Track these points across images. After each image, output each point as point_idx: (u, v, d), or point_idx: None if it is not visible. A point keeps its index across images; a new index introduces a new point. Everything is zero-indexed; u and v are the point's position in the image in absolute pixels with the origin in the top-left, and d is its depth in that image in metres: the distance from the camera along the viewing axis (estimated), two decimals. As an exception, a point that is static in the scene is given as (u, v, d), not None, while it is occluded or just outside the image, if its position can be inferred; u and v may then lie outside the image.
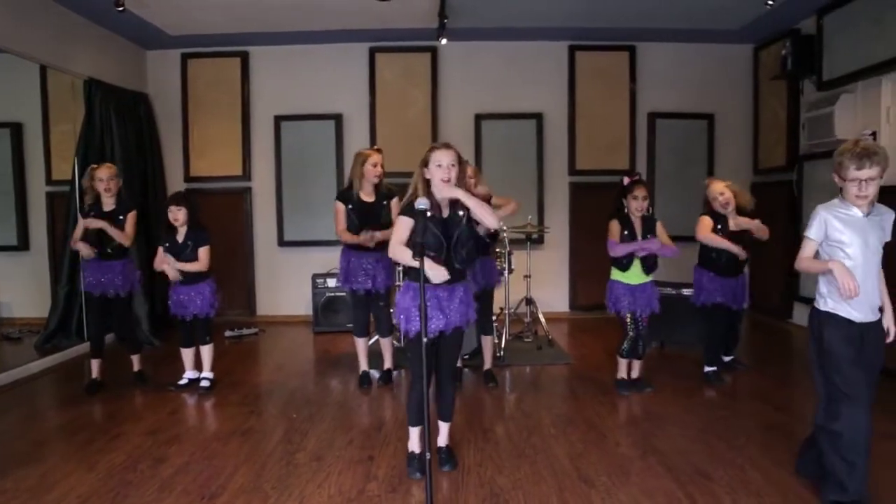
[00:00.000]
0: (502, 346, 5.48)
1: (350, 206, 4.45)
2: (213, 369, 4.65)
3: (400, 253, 2.97)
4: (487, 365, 4.74)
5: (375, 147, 4.66)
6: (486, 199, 4.56)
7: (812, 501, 2.83)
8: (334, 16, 6.10)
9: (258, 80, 7.09)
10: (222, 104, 7.07)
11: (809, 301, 5.99)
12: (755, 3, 5.50)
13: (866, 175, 2.64)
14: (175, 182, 6.95)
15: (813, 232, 2.79)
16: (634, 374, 4.49)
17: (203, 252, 4.43)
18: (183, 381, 4.63)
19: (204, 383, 4.58)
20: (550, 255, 7.11)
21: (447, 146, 3.04)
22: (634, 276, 4.30)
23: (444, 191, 2.96)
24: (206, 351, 4.60)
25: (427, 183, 3.01)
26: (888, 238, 2.79)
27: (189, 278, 4.43)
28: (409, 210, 2.97)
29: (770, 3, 5.25)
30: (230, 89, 7.07)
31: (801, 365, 5.39)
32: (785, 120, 6.55)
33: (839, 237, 2.73)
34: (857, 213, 2.73)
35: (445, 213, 3.06)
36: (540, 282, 6.60)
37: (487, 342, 4.72)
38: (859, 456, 2.66)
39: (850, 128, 5.55)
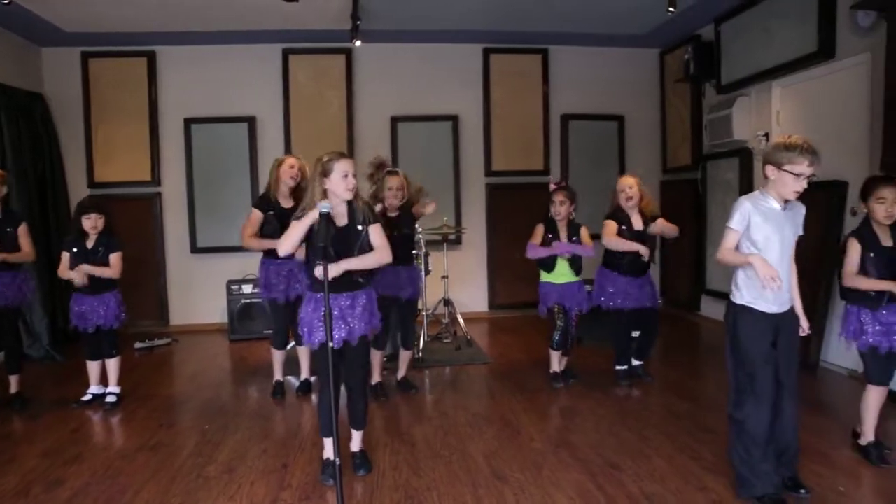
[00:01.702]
0: (420, 347, 5.45)
1: (271, 212, 4.39)
2: (120, 383, 4.44)
3: (289, 238, 2.94)
4: (402, 373, 4.63)
5: (295, 155, 4.60)
6: (410, 214, 4.48)
7: (709, 483, 2.98)
8: (243, 15, 5.94)
9: (166, 82, 6.83)
10: (128, 106, 6.76)
11: (717, 294, 6.40)
12: (659, 10, 5.72)
13: (811, 171, 2.64)
14: (78, 188, 6.58)
15: (735, 222, 2.76)
16: (561, 366, 4.67)
17: (115, 258, 4.25)
18: (86, 398, 4.40)
19: (110, 398, 4.36)
20: (468, 255, 7.17)
21: (347, 155, 3.03)
22: (561, 275, 4.47)
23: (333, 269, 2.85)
24: (113, 364, 4.39)
25: (324, 193, 2.97)
26: (801, 232, 2.82)
27: (94, 287, 4.22)
28: (299, 216, 2.95)
29: (671, 9, 5.47)
30: (136, 91, 6.77)
31: (708, 356, 5.66)
32: (689, 121, 6.86)
33: (759, 230, 2.73)
34: (775, 205, 2.73)
35: (342, 222, 3.02)
36: (458, 282, 6.66)
37: (406, 356, 4.62)
38: (758, 448, 2.73)
39: (747, 129, 5.88)
